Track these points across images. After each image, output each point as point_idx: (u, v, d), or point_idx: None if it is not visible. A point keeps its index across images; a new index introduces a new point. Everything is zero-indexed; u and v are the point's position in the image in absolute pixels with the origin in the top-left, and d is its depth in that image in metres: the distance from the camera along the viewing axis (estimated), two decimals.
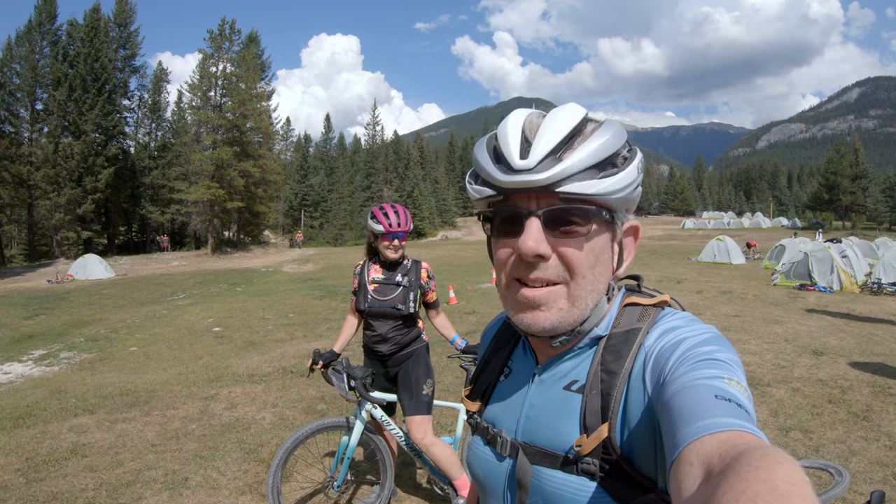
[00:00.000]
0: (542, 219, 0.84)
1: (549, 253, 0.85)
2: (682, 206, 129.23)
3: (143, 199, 54.86)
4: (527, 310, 0.88)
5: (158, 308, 16.64)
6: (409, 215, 3.57)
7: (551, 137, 0.84)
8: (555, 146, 0.83)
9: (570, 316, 0.88)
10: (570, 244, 0.85)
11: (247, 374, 7.93)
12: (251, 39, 59.14)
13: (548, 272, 0.85)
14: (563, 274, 0.86)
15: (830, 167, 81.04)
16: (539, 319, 0.87)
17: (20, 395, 7.39)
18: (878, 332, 9.76)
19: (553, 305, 0.87)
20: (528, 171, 0.83)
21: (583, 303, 0.88)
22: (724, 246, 27.40)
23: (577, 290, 0.87)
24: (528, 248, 0.83)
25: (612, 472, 0.82)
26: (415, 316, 3.62)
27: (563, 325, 0.88)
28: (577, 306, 0.88)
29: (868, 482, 4.18)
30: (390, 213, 3.48)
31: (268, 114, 54.38)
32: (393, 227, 3.46)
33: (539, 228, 0.84)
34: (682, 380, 0.73)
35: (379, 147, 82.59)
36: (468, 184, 0.94)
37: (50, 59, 45.36)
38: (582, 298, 0.87)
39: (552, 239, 0.85)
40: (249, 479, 4.53)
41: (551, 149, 0.83)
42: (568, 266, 0.86)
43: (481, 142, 0.93)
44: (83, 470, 4.72)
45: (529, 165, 0.82)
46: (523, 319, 0.89)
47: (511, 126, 0.88)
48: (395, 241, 3.53)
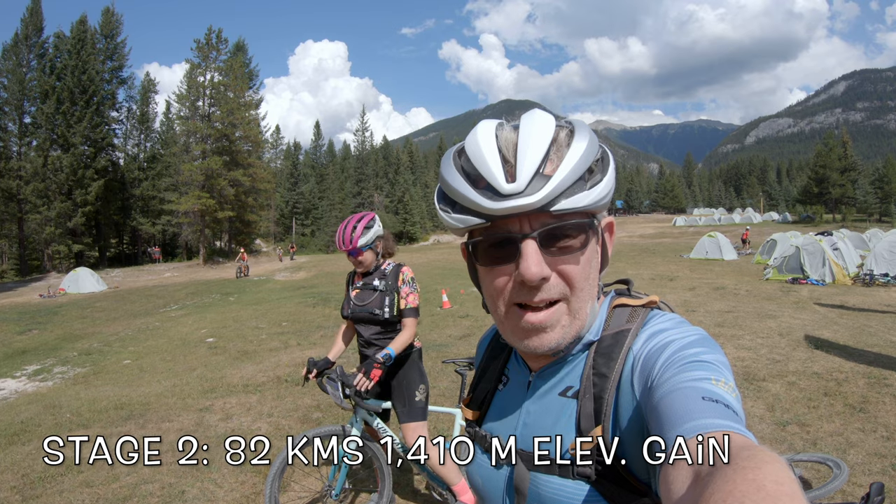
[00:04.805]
0: (538, 240, 0.82)
1: (550, 273, 0.83)
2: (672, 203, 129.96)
3: (134, 211, 54.71)
4: (532, 335, 0.87)
5: (151, 320, 16.58)
6: (357, 232, 3.43)
7: (534, 155, 0.80)
8: (539, 163, 0.80)
9: (573, 330, 0.88)
10: (568, 260, 0.84)
11: (241, 384, 7.89)
12: (238, 48, 59.19)
13: (550, 292, 0.84)
14: (564, 290, 0.85)
15: (819, 161, 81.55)
16: (545, 341, 0.86)
17: (14, 411, 7.33)
18: (871, 324, 9.81)
19: (557, 325, 0.86)
20: (518, 196, 0.79)
21: (582, 314, 0.88)
22: (715, 242, 27.56)
23: (576, 304, 0.86)
24: (532, 274, 0.80)
25: (607, 474, 0.82)
26: (395, 321, 3.56)
27: (567, 340, 0.88)
28: (578, 318, 0.88)
29: (867, 474, 4.19)
30: (339, 232, 3.46)
31: (256, 122, 54.38)
32: (344, 246, 3.45)
33: (536, 250, 0.81)
34: (669, 383, 0.73)
35: (369, 153, 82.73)
36: (442, 212, 0.89)
37: (37, 72, 45.23)
38: (581, 310, 0.88)
39: (549, 258, 0.83)
40: (247, 490, 4.50)
41: (537, 167, 0.80)
42: (568, 282, 0.85)
43: (447, 163, 0.88)
44: (79, 486, 4.67)
45: (519, 189, 0.79)
46: (529, 344, 0.87)
47: (484, 145, 0.84)
48: (352, 258, 3.51)
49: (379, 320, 3.53)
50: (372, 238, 3.50)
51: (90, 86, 46.77)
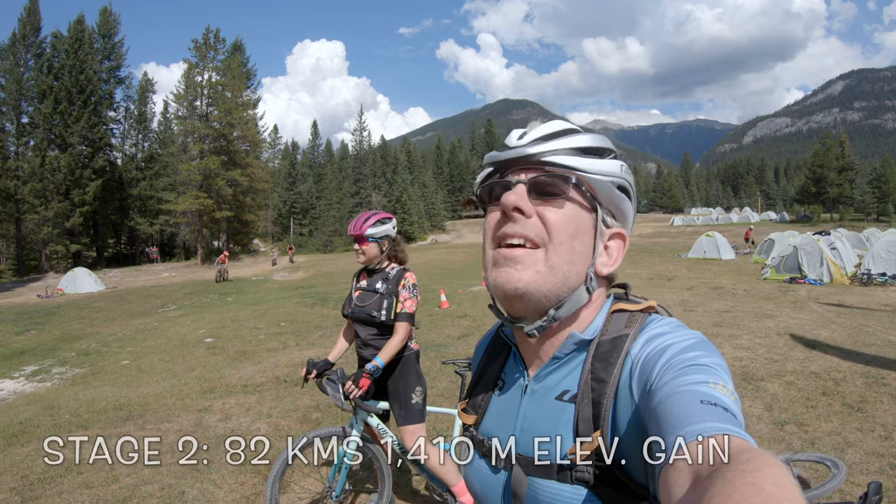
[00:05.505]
0: (528, 185, 0.92)
1: (530, 210, 0.90)
2: (670, 203, 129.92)
3: (132, 211, 54.58)
4: (502, 266, 0.90)
5: (149, 320, 16.55)
6: (369, 221, 3.53)
7: (545, 129, 0.95)
8: (547, 134, 0.94)
9: (546, 282, 0.89)
10: (550, 207, 0.91)
11: (240, 384, 7.89)
12: (236, 48, 59.06)
13: (527, 229, 0.89)
14: (542, 235, 0.90)
15: (817, 160, 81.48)
16: (513, 278, 0.89)
17: (13, 412, 7.32)
18: (869, 323, 9.82)
19: (529, 266, 0.88)
20: (520, 147, 0.93)
21: (560, 273, 0.89)
22: (713, 242, 27.55)
23: (554, 257, 0.89)
24: (510, 200, 0.90)
25: (605, 479, 0.83)
26: (391, 325, 3.54)
27: (538, 291, 0.89)
28: (554, 274, 0.89)
29: (865, 473, 4.20)
30: (357, 218, 3.58)
31: (254, 122, 54.30)
32: (351, 230, 3.53)
33: (523, 190, 0.91)
34: (668, 387, 0.74)
35: (366, 152, 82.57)
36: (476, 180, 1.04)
37: (35, 72, 45.12)
38: (559, 267, 0.89)
39: (535, 203, 0.91)
40: (247, 491, 4.50)
41: (543, 135, 0.94)
42: (547, 227, 0.89)
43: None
44: (79, 487, 4.67)
45: (523, 143, 0.94)
46: (498, 277, 0.91)
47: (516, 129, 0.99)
48: (356, 245, 3.56)
49: (376, 322, 3.54)
50: (381, 233, 3.54)
51: (88, 85, 46.64)
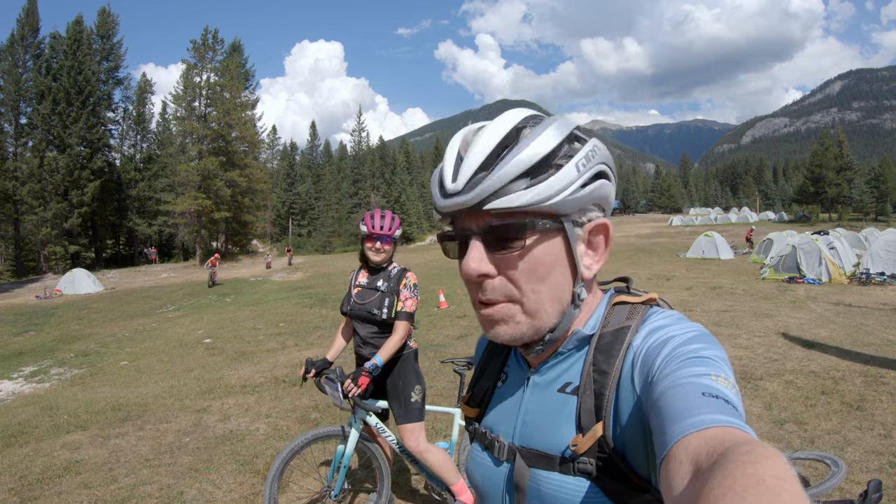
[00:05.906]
0: (481, 239, 0.83)
1: (493, 272, 0.83)
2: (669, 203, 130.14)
3: (130, 212, 54.63)
4: (488, 326, 0.88)
5: (148, 321, 16.54)
6: (396, 223, 3.57)
7: (478, 153, 0.81)
8: (483, 162, 0.80)
9: (532, 327, 0.87)
10: (511, 262, 0.83)
11: (239, 385, 7.88)
12: (234, 48, 59.10)
13: (495, 293, 0.84)
14: (510, 292, 0.84)
15: (815, 160, 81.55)
16: (500, 333, 0.87)
17: (11, 412, 7.31)
18: (868, 322, 9.83)
19: (510, 320, 0.86)
20: (457, 194, 0.81)
21: (543, 314, 0.86)
22: (712, 242, 27.55)
23: (531, 305, 0.85)
24: (469, 269, 0.82)
25: (608, 471, 0.82)
26: (392, 323, 3.55)
27: (528, 336, 0.88)
28: (538, 317, 0.86)
29: (864, 471, 4.20)
30: (376, 217, 3.52)
31: (253, 123, 54.33)
32: (375, 228, 3.49)
33: (480, 248, 0.83)
34: (669, 378, 0.73)
35: (365, 153, 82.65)
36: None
37: (33, 73, 45.19)
38: (541, 310, 0.86)
39: (495, 257, 0.83)
40: (245, 492, 4.50)
41: (479, 166, 0.80)
42: (515, 284, 0.84)
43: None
44: (77, 487, 4.66)
45: (458, 188, 0.81)
46: (489, 334, 0.89)
47: (451, 145, 0.86)
48: (378, 244, 3.54)
49: (376, 320, 3.54)
50: (399, 235, 3.64)
51: (86, 86, 46.68)
